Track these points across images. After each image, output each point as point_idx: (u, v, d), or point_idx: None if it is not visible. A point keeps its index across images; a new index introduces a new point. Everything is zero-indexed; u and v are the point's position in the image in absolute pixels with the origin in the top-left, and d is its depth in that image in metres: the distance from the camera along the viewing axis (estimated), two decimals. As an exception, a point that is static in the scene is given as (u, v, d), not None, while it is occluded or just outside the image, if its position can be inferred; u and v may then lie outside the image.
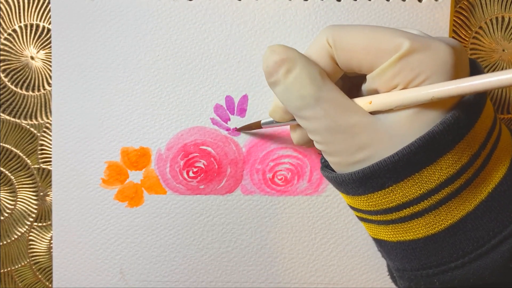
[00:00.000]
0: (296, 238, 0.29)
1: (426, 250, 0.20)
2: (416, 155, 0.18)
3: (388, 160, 0.19)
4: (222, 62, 0.28)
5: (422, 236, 0.20)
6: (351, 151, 0.20)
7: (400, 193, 0.19)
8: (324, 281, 0.30)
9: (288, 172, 0.29)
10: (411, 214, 0.20)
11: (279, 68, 0.20)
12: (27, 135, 0.30)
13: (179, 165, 0.29)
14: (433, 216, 0.19)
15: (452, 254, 0.20)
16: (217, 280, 0.30)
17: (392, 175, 0.19)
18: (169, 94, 0.29)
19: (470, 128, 0.19)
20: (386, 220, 0.21)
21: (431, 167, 0.19)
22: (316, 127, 0.20)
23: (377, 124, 0.19)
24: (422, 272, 0.21)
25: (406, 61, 0.18)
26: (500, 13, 0.30)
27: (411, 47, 0.18)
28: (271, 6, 0.28)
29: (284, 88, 0.20)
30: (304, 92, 0.20)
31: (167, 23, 0.28)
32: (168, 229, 0.30)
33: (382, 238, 0.22)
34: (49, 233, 0.31)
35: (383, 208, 0.20)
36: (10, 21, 0.30)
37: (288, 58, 0.20)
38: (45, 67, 0.30)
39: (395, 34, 0.19)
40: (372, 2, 0.28)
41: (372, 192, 0.20)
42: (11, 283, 0.31)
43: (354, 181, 0.20)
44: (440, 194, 0.19)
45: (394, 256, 0.22)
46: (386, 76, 0.19)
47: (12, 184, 0.31)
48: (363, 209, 0.22)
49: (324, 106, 0.20)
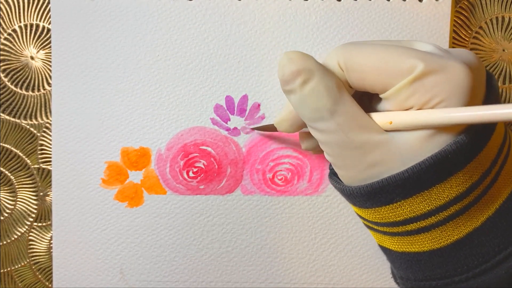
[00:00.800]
0: (296, 238, 0.29)
1: (431, 263, 0.20)
2: (427, 173, 0.18)
3: (398, 176, 0.18)
4: (222, 62, 0.28)
5: (427, 249, 0.20)
6: (361, 168, 0.19)
7: (408, 209, 0.19)
8: (324, 281, 0.30)
9: (288, 172, 0.29)
10: (417, 228, 0.19)
11: (295, 78, 0.19)
12: (27, 135, 0.30)
13: (179, 165, 0.29)
14: (439, 231, 0.19)
15: (457, 268, 0.20)
16: (217, 280, 0.30)
17: (402, 191, 0.19)
18: (169, 94, 0.29)
19: (482, 148, 0.19)
20: (392, 232, 0.20)
21: (441, 185, 0.18)
22: (329, 140, 0.20)
23: (390, 142, 0.19)
24: (426, 283, 0.21)
25: (421, 83, 0.18)
26: (500, 13, 0.30)
27: (426, 69, 0.18)
28: (271, 6, 0.28)
29: (299, 98, 0.20)
30: (319, 104, 0.19)
31: (167, 23, 0.28)
32: (168, 229, 0.30)
33: (387, 247, 0.22)
34: (49, 233, 0.31)
35: (389, 222, 0.20)
36: (10, 21, 0.30)
37: (306, 69, 0.19)
38: (45, 67, 0.30)
39: (409, 55, 0.18)
40: (372, 2, 0.28)
41: (380, 206, 0.20)
42: (11, 283, 0.31)
43: (362, 195, 0.20)
44: (448, 211, 0.19)
45: (399, 265, 0.22)
46: (400, 98, 0.18)
47: (12, 184, 0.31)
48: (369, 220, 0.21)
49: (338, 120, 0.19)
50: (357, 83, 0.20)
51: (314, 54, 0.28)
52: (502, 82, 0.30)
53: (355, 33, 0.28)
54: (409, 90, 0.18)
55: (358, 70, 0.19)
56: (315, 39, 0.28)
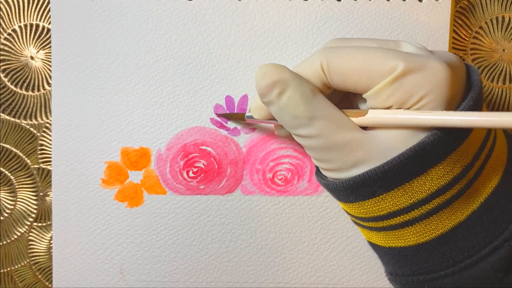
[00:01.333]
0: (296, 238, 0.29)
1: (417, 257, 0.20)
2: (406, 165, 0.18)
3: (378, 169, 0.19)
4: (222, 62, 0.28)
5: (413, 244, 0.20)
6: (346, 167, 0.20)
7: (391, 202, 0.19)
8: (324, 281, 0.30)
9: (288, 172, 0.29)
10: (401, 222, 0.20)
11: (271, 90, 0.20)
12: (27, 135, 0.30)
13: (179, 165, 0.29)
14: (423, 225, 0.19)
15: (443, 263, 0.20)
16: (217, 280, 0.30)
17: (383, 184, 0.19)
18: (169, 94, 0.29)
19: (463, 141, 0.19)
20: (378, 227, 0.21)
21: (422, 178, 0.19)
22: (311, 145, 0.20)
23: (371, 140, 0.19)
24: (413, 278, 0.21)
25: (400, 82, 0.18)
26: (500, 13, 0.30)
27: (405, 68, 0.18)
28: (271, 6, 0.28)
29: (278, 109, 0.20)
30: (297, 112, 0.20)
31: (167, 23, 0.28)
32: (168, 229, 0.30)
33: (375, 243, 0.22)
34: (49, 233, 0.31)
35: (374, 216, 0.20)
36: (10, 21, 0.30)
37: (280, 80, 0.20)
38: (45, 67, 0.30)
39: (389, 56, 0.19)
40: (372, 2, 0.28)
41: (363, 200, 0.20)
42: (11, 283, 0.31)
43: (346, 188, 0.20)
44: (431, 204, 0.19)
45: (387, 260, 0.22)
46: (380, 97, 0.19)
47: (12, 184, 0.31)
48: (355, 215, 0.22)
49: (318, 125, 0.20)
50: (339, 85, 0.20)
51: (314, 54, 0.28)
52: (502, 82, 0.30)
53: (355, 33, 0.28)
54: (389, 89, 0.19)
55: (340, 73, 0.20)
56: (315, 39, 0.28)
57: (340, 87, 0.20)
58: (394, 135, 0.19)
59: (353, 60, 0.19)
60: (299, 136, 0.21)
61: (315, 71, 0.20)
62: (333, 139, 0.20)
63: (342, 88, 0.20)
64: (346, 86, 0.20)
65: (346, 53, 0.20)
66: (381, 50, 0.19)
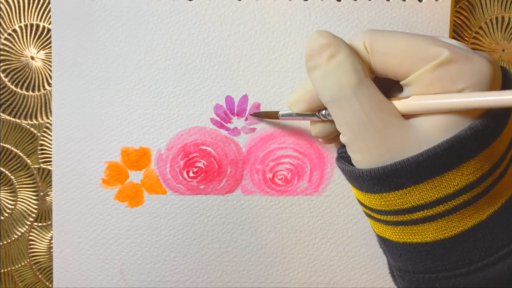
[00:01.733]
0: (296, 238, 0.29)
1: (432, 254, 0.20)
2: (441, 157, 0.18)
3: (412, 160, 0.18)
4: (222, 62, 0.28)
5: (430, 240, 0.20)
6: (378, 152, 0.19)
7: (418, 195, 0.19)
8: (324, 281, 0.30)
9: (288, 172, 0.29)
10: (423, 217, 0.19)
11: (323, 51, 0.20)
12: (27, 135, 0.30)
13: (179, 165, 0.29)
14: (445, 222, 0.19)
15: (458, 262, 0.19)
16: (217, 280, 0.30)
17: (413, 175, 0.18)
18: (169, 94, 0.29)
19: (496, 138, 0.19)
20: (395, 221, 0.20)
21: (453, 172, 0.18)
22: (348, 120, 0.19)
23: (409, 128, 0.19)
24: (425, 276, 0.20)
25: (445, 69, 0.18)
26: (500, 13, 0.30)
27: (451, 56, 0.18)
28: (271, 6, 0.28)
29: (323, 73, 0.20)
30: (344, 80, 0.19)
31: (167, 23, 0.28)
32: (168, 229, 0.30)
33: (388, 237, 0.21)
34: (49, 233, 0.31)
35: (395, 209, 0.20)
36: (10, 21, 0.30)
37: (333, 43, 0.19)
38: (45, 67, 0.30)
39: (435, 43, 0.19)
40: (372, 2, 0.28)
41: (388, 191, 0.19)
42: (11, 283, 0.31)
43: (372, 178, 0.19)
44: (457, 200, 0.19)
45: (398, 256, 0.21)
46: (423, 82, 0.19)
47: (12, 184, 0.31)
48: (373, 208, 0.21)
49: (361, 99, 0.19)
50: (380, 67, 0.20)
51: (314, 54, 0.28)
52: (502, 82, 0.30)
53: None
54: (433, 75, 0.18)
55: (383, 53, 0.19)
56: (315, 39, 0.28)
57: (380, 70, 0.20)
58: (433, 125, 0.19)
59: (398, 42, 0.19)
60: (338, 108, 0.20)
61: (358, 49, 0.20)
62: (372, 118, 0.19)
63: (383, 71, 0.20)
64: (387, 69, 0.19)
65: (390, 35, 0.19)
66: (425, 37, 0.19)
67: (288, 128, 0.29)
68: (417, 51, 0.19)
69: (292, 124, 0.29)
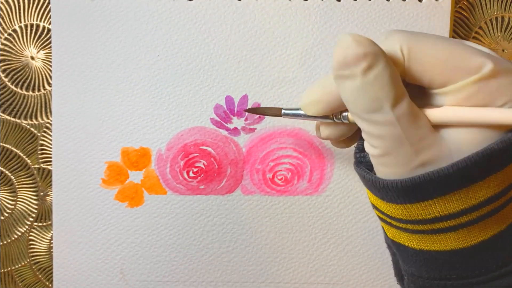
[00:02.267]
0: (296, 238, 0.29)
1: (449, 262, 0.19)
2: (471, 169, 0.17)
3: (442, 172, 0.17)
4: (222, 62, 0.28)
5: (449, 249, 0.19)
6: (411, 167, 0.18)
7: (443, 206, 0.18)
8: (324, 281, 0.30)
9: (288, 172, 0.29)
10: (446, 227, 0.19)
11: (359, 61, 0.18)
12: (27, 135, 0.30)
13: (179, 165, 0.29)
14: (466, 232, 0.19)
15: (475, 270, 0.19)
16: (217, 280, 0.30)
17: (441, 187, 0.18)
18: (169, 94, 0.29)
19: None
20: (416, 230, 0.20)
21: (479, 184, 0.18)
22: (383, 134, 0.18)
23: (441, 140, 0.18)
24: (440, 283, 0.20)
25: (486, 83, 0.17)
26: (500, 13, 0.30)
27: (494, 69, 0.17)
28: (271, 6, 0.28)
29: (358, 85, 0.18)
30: (381, 94, 0.18)
31: (167, 23, 0.28)
32: (168, 229, 0.30)
33: (403, 243, 0.21)
34: (49, 233, 0.31)
35: (417, 219, 0.19)
36: (10, 21, 0.30)
37: (372, 53, 0.18)
38: (45, 67, 0.30)
39: (477, 53, 0.18)
40: (372, 2, 0.28)
41: (412, 202, 0.19)
42: (11, 283, 0.31)
43: (399, 189, 0.18)
44: (480, 211, 0.18)
45: (412, 262, 0.21)
46: (461, 95, 0.18)
47: (12, 184, 0.31)
48: (391, 215, 0.20)
49: (398, 113, 0.18)
50: (416, 75, 0.19)
51: (313, 54, 0.28)
52: (502, 82, 0.30)
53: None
54: (474, 88, 0.17)
55: (423, 61, 0.18)
56: (315, 39, 0.28)
57: (415, 77, 0.19)
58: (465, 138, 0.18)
59: (438, 50, 0.18)
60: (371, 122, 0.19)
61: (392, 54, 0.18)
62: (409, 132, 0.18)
63: (418, 79, 0.19)
64: (423, 77, 0.18)
65: (429, 40, 0.18)
66: (466, 46, 0.18)
67: (288, 128, 0.29)
68: (460, 62, 0.18)
69: (292, 124, 0.29)
